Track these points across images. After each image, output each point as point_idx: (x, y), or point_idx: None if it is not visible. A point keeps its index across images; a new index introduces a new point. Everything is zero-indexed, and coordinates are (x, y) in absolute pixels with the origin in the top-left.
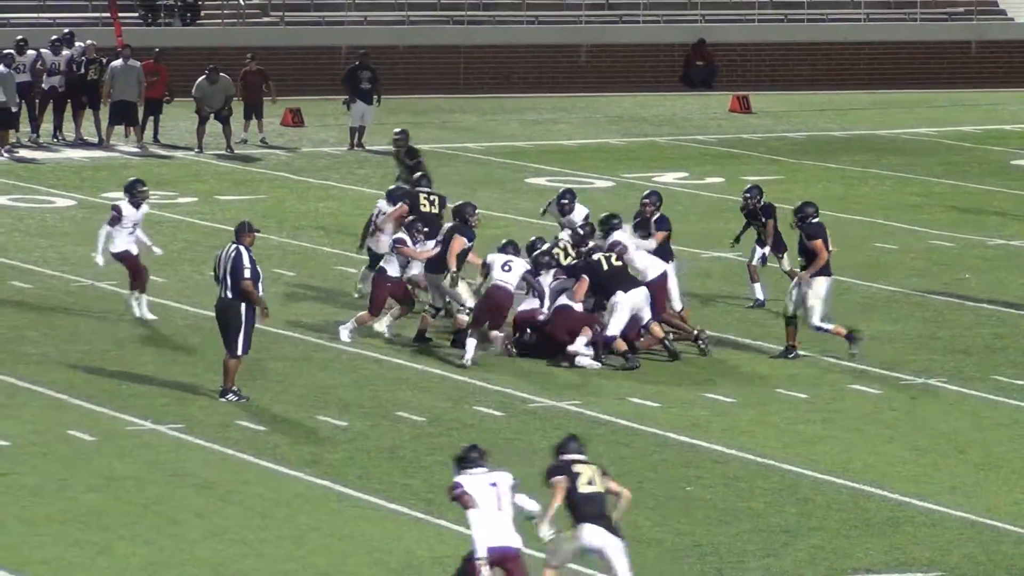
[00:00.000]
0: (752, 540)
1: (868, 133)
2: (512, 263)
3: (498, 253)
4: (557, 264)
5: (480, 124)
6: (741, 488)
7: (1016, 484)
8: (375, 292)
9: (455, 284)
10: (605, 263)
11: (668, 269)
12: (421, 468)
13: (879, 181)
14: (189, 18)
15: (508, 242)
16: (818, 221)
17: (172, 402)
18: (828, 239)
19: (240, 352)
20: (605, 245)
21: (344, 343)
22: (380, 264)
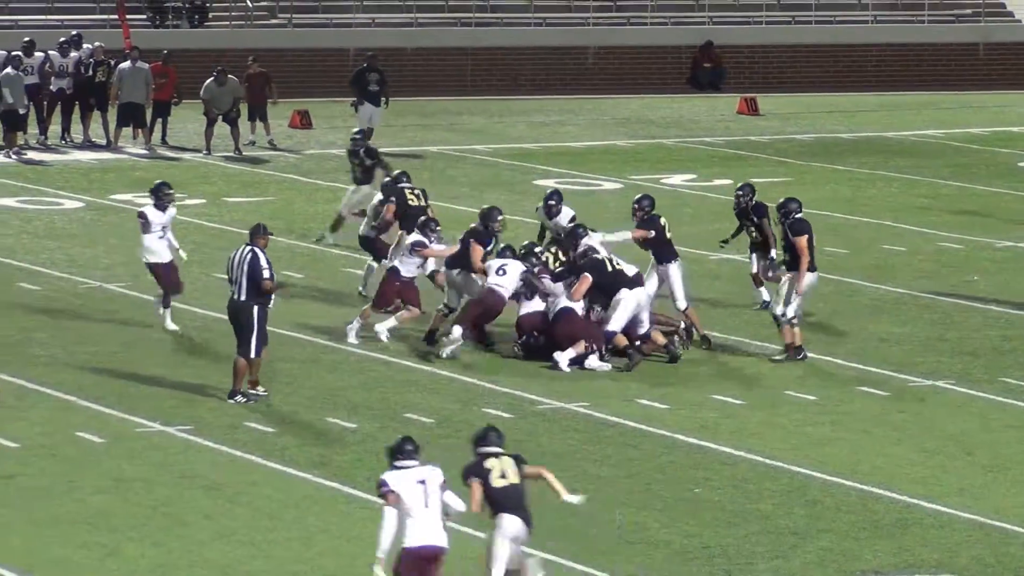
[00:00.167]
0: (761, 542)
1: (876, 135)
2: (507, 266)
3: (496, 258)
4: (545, 267)
5: (488, 126)
6: (750, 490)
7: None
8: (383, 288)
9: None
10: (609, 264)
11: (672, 268)
12: None
13: (887, 183)
14: (197, 20)
15: (506, 246)
16: (802, 217)
17: (181, 404)
18: (813, 235)
19: (252, 354)
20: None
21: (352, 345)
22: (394, 263)
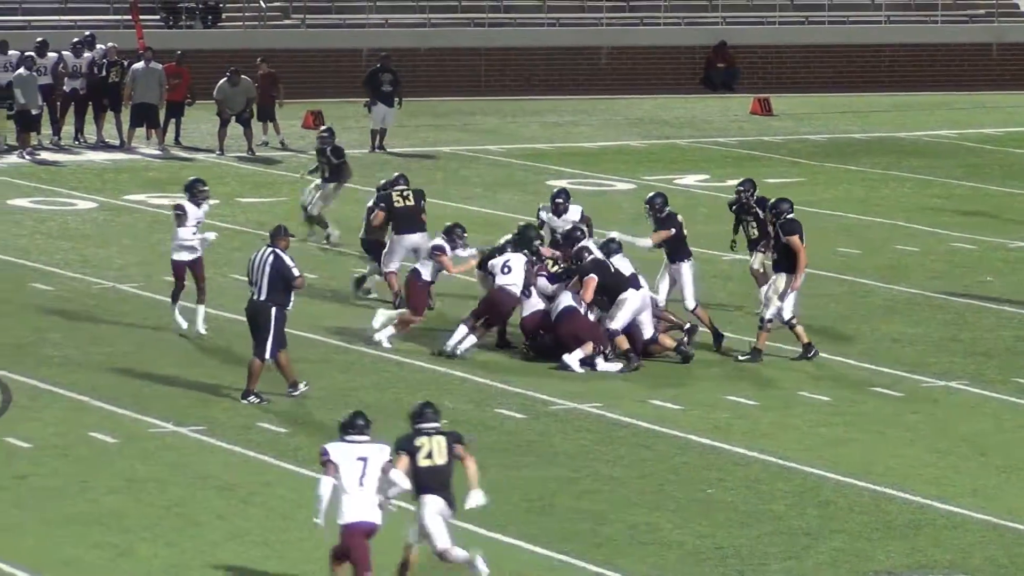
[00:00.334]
0: (774, 542)
1: (889, 135)
2: (510, 262)
3: (497, 257)
4: (545, 268)
5: (501, 126)
6: (763, 490)
7: None
8: (412, 293)
9: None
10: (611, 265)
11: (684, 267)
12: None
13: (900, 183)
14: (210, 20)
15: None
16: (793, 217)
17: (194, 404)
18: (803, 235)
19: (267, 355)
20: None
21: (385, 348)
22: (415, 266)
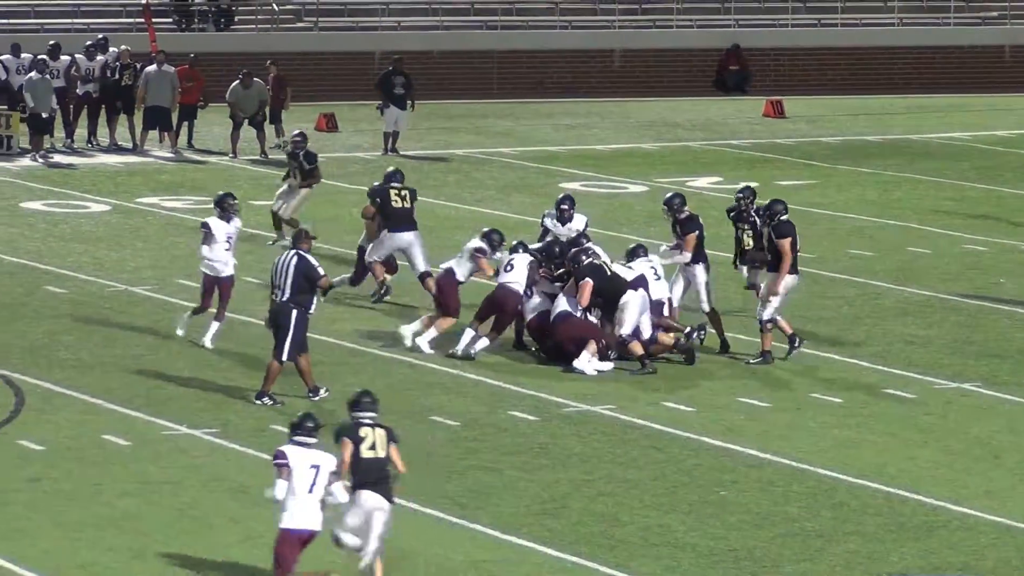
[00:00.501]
0: (787, 545)
1: (902, 137)
2: (514, 260)
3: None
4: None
5: (513, 129)
6: (776, 492)
7: None
8: (449, 293)
9: None
10: (607, 268)
11: (699, 270)
12: (455, 472)
13: (913, 186)
14: (223, 23)
15: (518, 243)
16: (787, 219)
17: (207, 406)
18: (797, 238)
19: (284, 357)
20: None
21: (428, 353)
22: (449, 265)
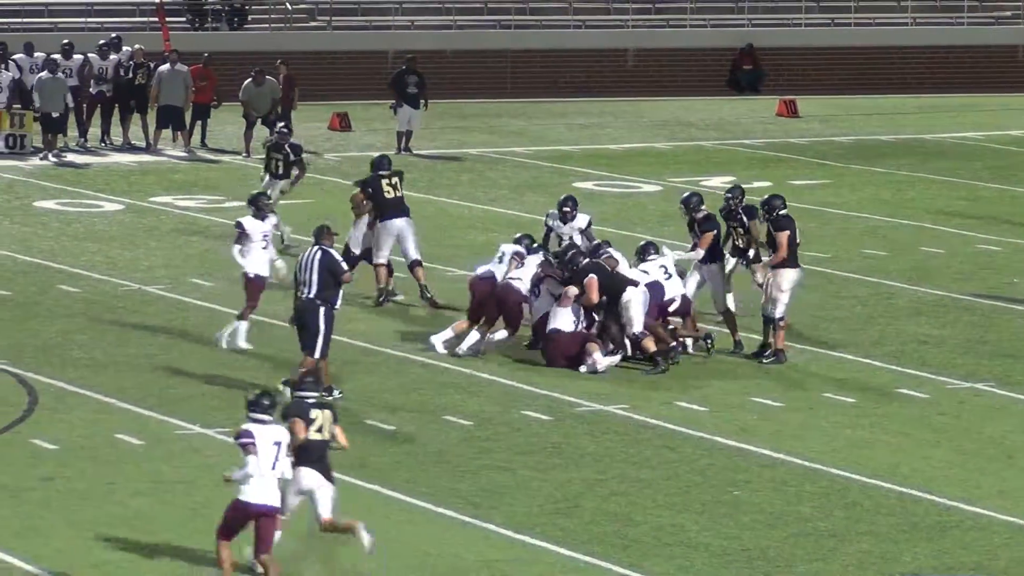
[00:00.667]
0: (800, 544)
1: (915, 137)
2: (525, 259)
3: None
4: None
5: (527, 128)
6: (789, 492)
7: None
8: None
9: None
10: (607, 266)
11: (715, 268)
12: (468, 472)
13: (926, 185)
14: (236, 23)
15: (523, 235)
16: (786, 214)
17: (220, 406)
18: (796, 232)
19: (317, 354)
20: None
21: (466, 356)
22: (487, 268)
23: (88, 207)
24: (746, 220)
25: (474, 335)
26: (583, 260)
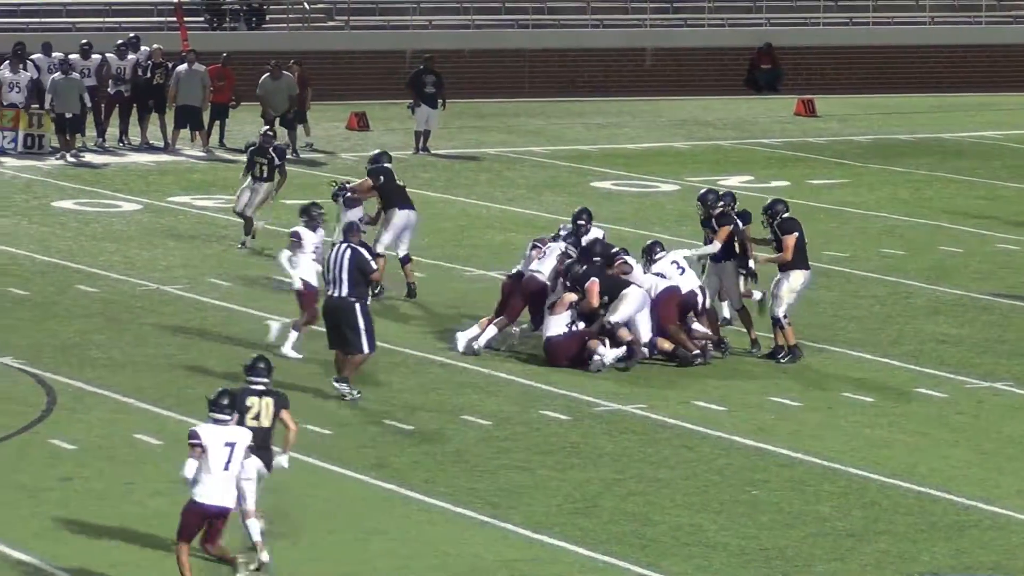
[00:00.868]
0: (818, 544)
1: (933, 136)
2: (545, 249)
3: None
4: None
5: (545, 128)
6: (807, 492)
7: None
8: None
9: None
10: (620, 272)
11: (728, 267)
12: (487, 472)
13: (944, 184)
14: (254, 22)
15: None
16: (790, 216)
17: None
18: (803, 234)
19: (367, 350)
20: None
21: (481, 351)
22: (531, 269)
23: (106, 207)
24: (741, 224)
25: (492, 330)
26: (579, 268)
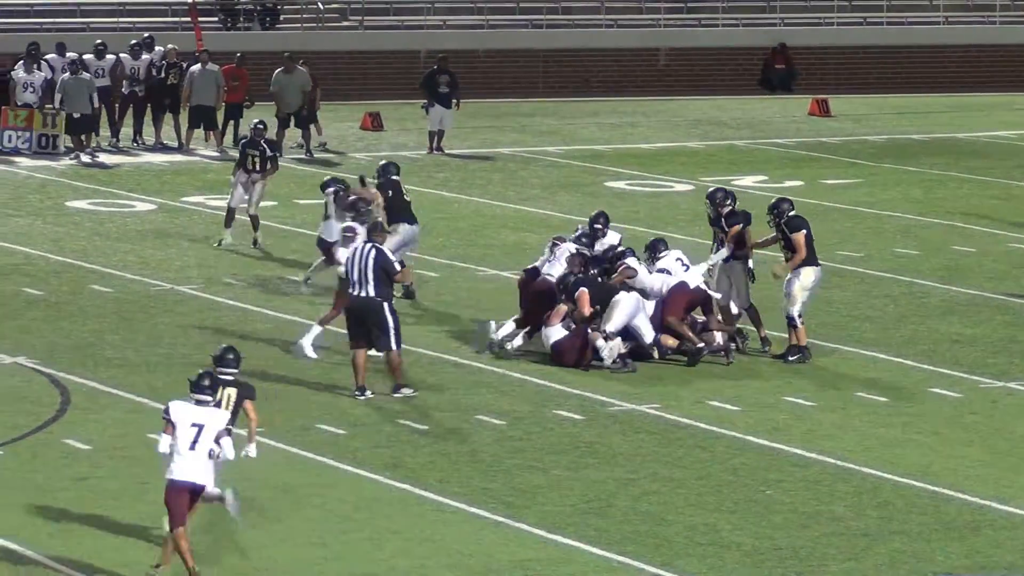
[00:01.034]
0: (832, 544)
1: (947, 136)
2: (557, 247)
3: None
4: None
5: (559, 127)
6: (821, 491)
7: None
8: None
9: None
10: (599, 278)
11: (738, 266)
12: (501, 471)
13: (958, 184)
14: (268, 22)
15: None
16: (796, 214)
17: None
18: (811, 231)
19: (395, 347)
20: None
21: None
22: (546, 271)
23: (120, 207)
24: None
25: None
26: (571, 279)
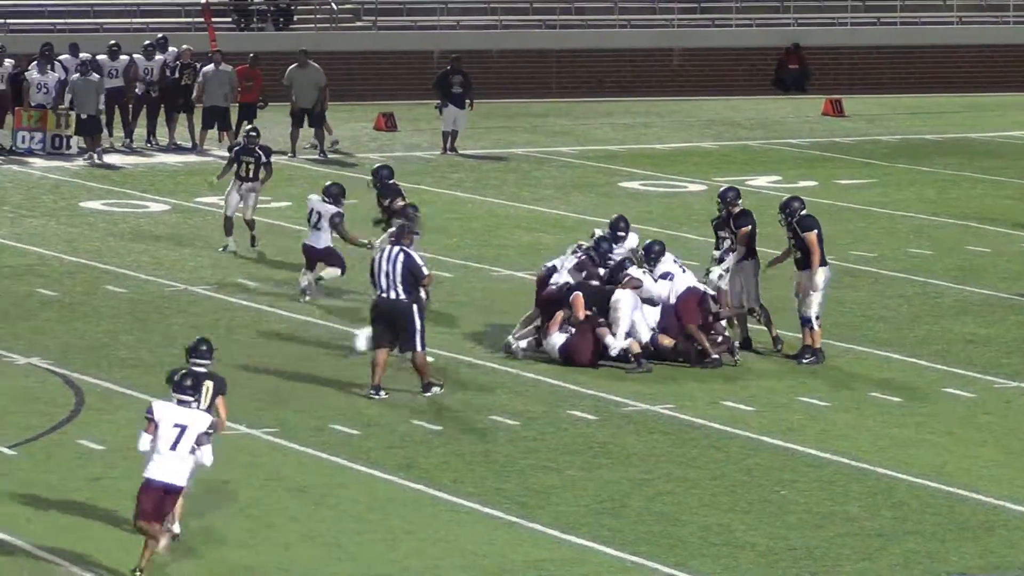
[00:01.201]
0: (847, 544)
1: (961, 136)
2: (577, 254)
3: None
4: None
5: (573, 128)
6: (835, 492)
7: None
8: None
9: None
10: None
11: (748, 266)
12: (515, 472)
13: (972, 184)
14: (282, 23)
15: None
16: (807, 213)
17: (266, 406)
18: (822, 231)
19: (419, 347)
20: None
21: (522, 356)
22: (561, 275)
23: (134, 207)
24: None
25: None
26: (566, 286)
